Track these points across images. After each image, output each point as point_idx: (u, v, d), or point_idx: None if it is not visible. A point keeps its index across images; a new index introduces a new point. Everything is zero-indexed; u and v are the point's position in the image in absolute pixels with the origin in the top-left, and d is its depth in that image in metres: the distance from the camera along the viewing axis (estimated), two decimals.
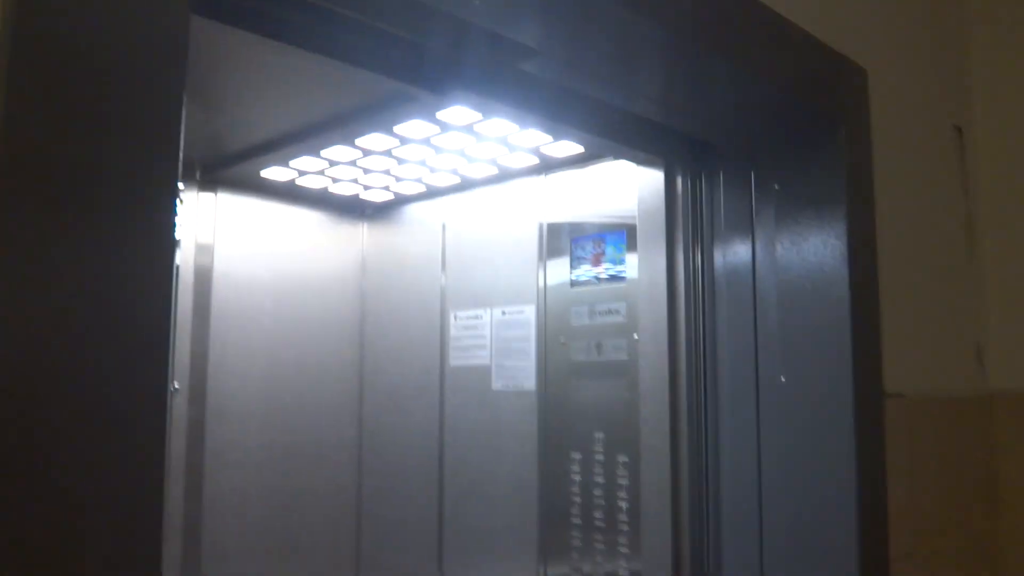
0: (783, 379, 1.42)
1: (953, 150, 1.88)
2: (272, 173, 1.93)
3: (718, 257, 1.54)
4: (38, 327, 0.52)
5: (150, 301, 0.58)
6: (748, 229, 1.50)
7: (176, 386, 1.90)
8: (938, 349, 1.72)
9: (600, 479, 1.72)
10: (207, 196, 2.00)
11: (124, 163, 0.57)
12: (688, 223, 1.56)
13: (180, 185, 1.93)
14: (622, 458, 1.69)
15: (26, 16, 0.53)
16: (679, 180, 1.58)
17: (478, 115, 1.52)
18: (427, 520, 2.07)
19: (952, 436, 1.73)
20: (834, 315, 1.37)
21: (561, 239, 1.86)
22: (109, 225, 0.56)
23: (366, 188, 2.09)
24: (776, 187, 1.46)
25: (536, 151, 1.77)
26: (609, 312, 1.75)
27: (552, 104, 1.36)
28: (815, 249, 1.41)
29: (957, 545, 1.70)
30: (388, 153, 1.77)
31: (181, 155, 0.62)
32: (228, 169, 1.90)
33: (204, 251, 1.99)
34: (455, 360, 2.05)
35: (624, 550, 1.67)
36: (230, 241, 2.03)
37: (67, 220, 0.54)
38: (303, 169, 1.90)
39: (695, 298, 1.55)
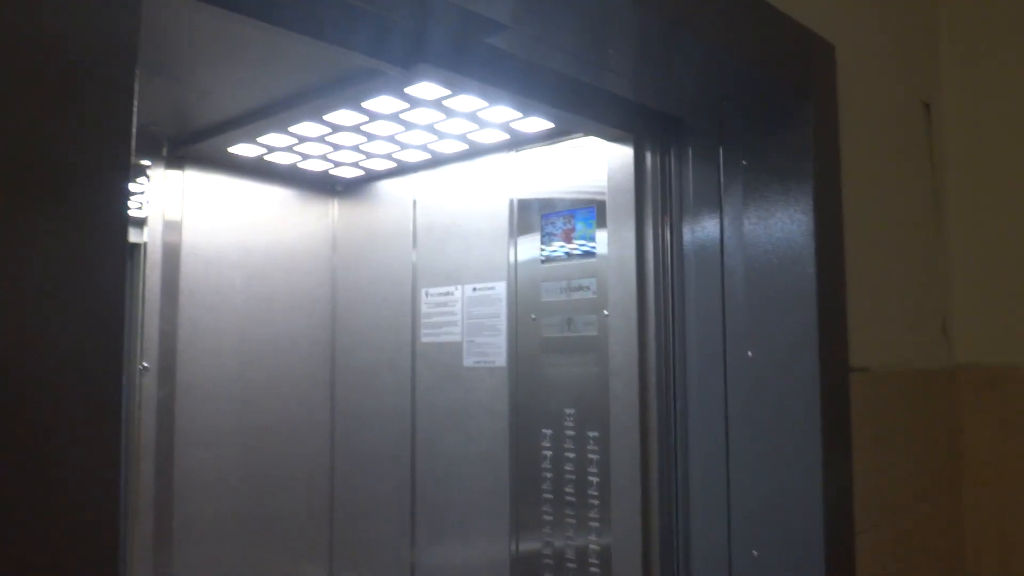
0: (750, 354, 1.43)
1: (921, 126, 1.89)
2: (240, 149, 1.91)
3: (687, 233, 1.54)
4: None
5: (103, 278, 0.57)
6: (716, 204, 1.50)
7: (145, 365, 1.89)
8: (904, 323, 1.74)
9: (571, 454, 1.73)
10: (174, 173, 1.97)
11: (74, 139, 0.56)
12: (657, 199, 1.57)
13: (147, 162, 1.91)
14: (592, 433, 1.70)
15: None
16: (648, 156, 1.59)
17: (447, 91, 1.51)
18: (400, 497, 2.08)
19: (917, 410, 1.76)
20: (800, 290, 1.38)
21: (531, 215, 1.86)
22: (59, 203, 0.55)
23: (336, 164, 2.07)
24: (744, 162, 1.47)
25: (506, 127, 1.76)
26: (579, 288, 1.75)
27: (521, 79, 1.35)
28: (782, 224, 1.41)
29: (922, 517, 1.73)
30: (357, 129, 1.75)
31: (135, 130, 0.61)
32: (195, 145, 1.88)
33: (172, 228, 1.97)
34: (426, 337, 2.05)
35: (595, 524, 1.69)
36: (199, 218, 2.01)
37: (14, 199, 0.54)
38: (271, 145, 1.88)
39: (664, 274, 1.55)
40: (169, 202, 1.96)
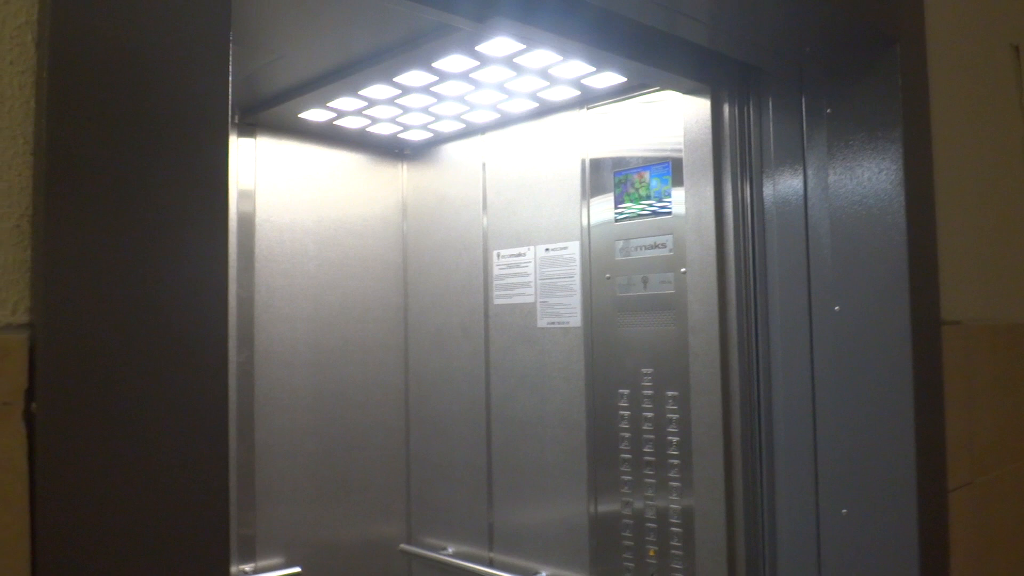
0: (837, 308, 1.39)
1: (1010, 70, 1.81)
2: (310, 115, 1.92)
3: (768, 186, 1.50)
4: (113, 279, 0.52)
5: (206, 242, 0.57)
6: (799, 156, 1.46)
7: None
8: (995, 276, 1.67)
9: (649, 414, 1.72)
10: (247, 141, 1.99)
11: (176, 107, 0.56)
12: (736, 152, 1.52)
13: None
14: (671, 392, 1.67)
15: None
16: (726, 108, 1.54)
17: (518, 46, 1.49)
18: (476, 459, 2.09)
19: (1010, 364, 1.70)
20: (890, 242, 1.33)
21: (604, 173, 1.83)
22: (165, 171, 0.55)
23: (404, 128, 2.07)
24: (828, 111, 1.42)
25: (577, 83, 1.73)
26: (655, 246, 1.72)
27: (595, 30, 1.32)
28: (869, 174, 1.36)
29: (1015, 474, 1.67)
30: (427, 90, 1.74)
31: (231, 99, 0.60)
32: (266, 111, 1.88)
33: (246, 197, 1.99)
34: (499, 299, 2.04)
35: (675, 484, 1.67)
36: (271, 185, 2.03)
37: (124, 165, 0.54)
38: (341, 109, 1.88)
39: (744, 229, 1.51)
40: (242, 170, 1.98)
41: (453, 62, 1.57)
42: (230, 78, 0.59)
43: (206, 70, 0.58)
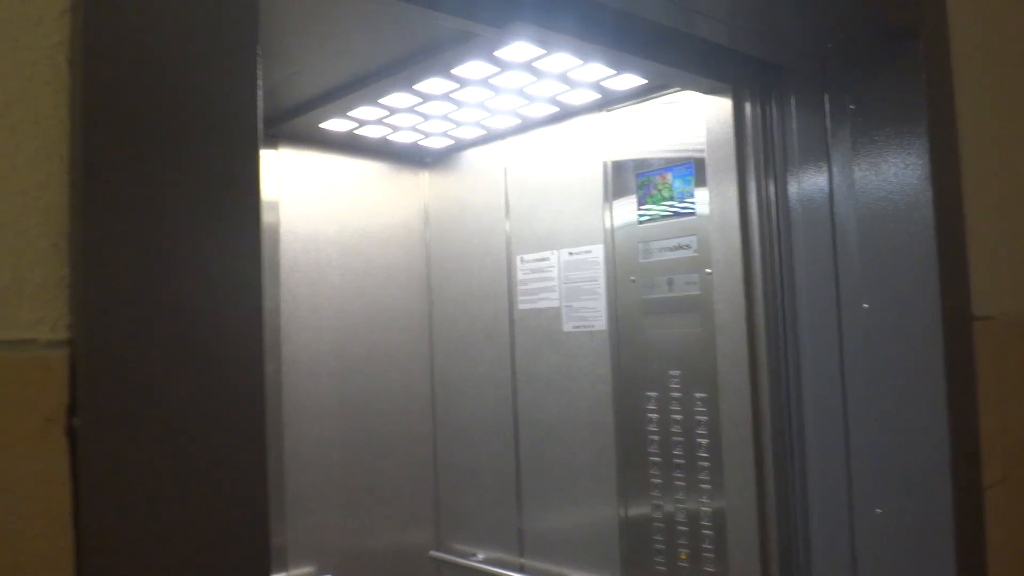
0: (866, 306, 1.38)
1: None
2: (331, 125, 1.93)
3: (792, 184, 1.49)
4: (148, 297, 0.52)
5: (241, 253, 0.57)
6: (823, 153, 1.45)
7: None
8: None
9: (678, 416, 1.71)
10: (269, 152, 2.00)
11: (208, 122, 0.56)
12: (759, 151, 1.52)
13: None
14: (699, 394, 1.67)
15: None
16: (748, 107, 1.53)
17: (537, 51, 1.49)
18: (504, 464, 2.09)
19: None
20: (918, 237, 1.32)
21: (626, 175, 1.83)
22: (198, 185, 0.56)
23: (425, 135, 2.07)
24: (851, 107, 1.41)
25: (596, 86, 1.73)
26: (679, 247, 1.71)
27: (615, 32, 1.32)
28: (895, 170, 1.35)
29: None
30: (447, 97, 1.74)
31: (260, 111, 0.61)
32: (288, 122, 1.90)
33: (270, 208, 2.00)
34: (523, 304, 2.04)
35: (706, 486, 1.66)
36: (294, 197, 2.04)
37: (157, 185, 0.54)
38: (362, 119, 1.89)
39: (770, 228, 1.51)
40: (266, 181, 1.99)
41: (472, 68, 1.58)
42: (260, 91, 0.60)
43: (236, 84, 0.58)
